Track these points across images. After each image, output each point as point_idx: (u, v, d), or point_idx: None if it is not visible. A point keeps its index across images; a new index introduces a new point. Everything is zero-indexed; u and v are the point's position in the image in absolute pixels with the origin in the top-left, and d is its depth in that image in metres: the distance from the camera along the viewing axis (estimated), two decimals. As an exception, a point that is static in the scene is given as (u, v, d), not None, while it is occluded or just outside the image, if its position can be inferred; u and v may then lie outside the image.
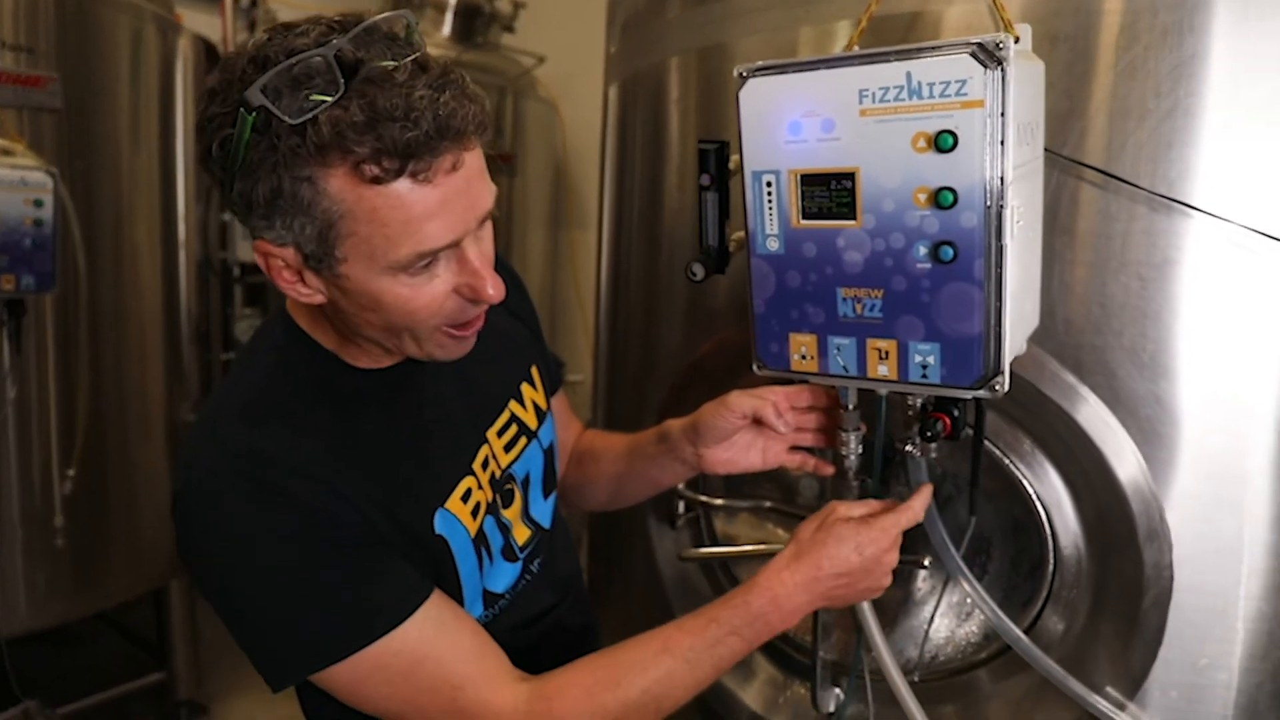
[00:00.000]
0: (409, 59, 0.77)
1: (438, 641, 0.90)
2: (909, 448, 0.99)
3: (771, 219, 0.91)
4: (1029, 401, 1.06)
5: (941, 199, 0.80)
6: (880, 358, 0.88)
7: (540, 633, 1.10)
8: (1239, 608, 1.03)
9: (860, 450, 1.04)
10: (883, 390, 0.94)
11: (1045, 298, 1.01)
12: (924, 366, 0.86)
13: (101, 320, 2.66)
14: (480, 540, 1.01)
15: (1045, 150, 0.96)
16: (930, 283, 0.83)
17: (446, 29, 3.59)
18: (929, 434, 0.91)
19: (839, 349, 0.90)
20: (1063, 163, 1.00)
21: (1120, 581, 1.06)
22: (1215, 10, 0.95)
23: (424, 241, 0.80)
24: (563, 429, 1.26)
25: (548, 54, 3.67)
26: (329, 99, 0.74)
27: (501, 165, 3.82)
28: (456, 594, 0.98)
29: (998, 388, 0.84)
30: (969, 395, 0.86)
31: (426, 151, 0.77)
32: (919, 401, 0.95)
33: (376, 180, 0.77)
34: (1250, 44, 0.96)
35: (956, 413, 0.93)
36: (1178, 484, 1.02)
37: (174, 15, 2.90)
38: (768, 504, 1.31)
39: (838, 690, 1.19)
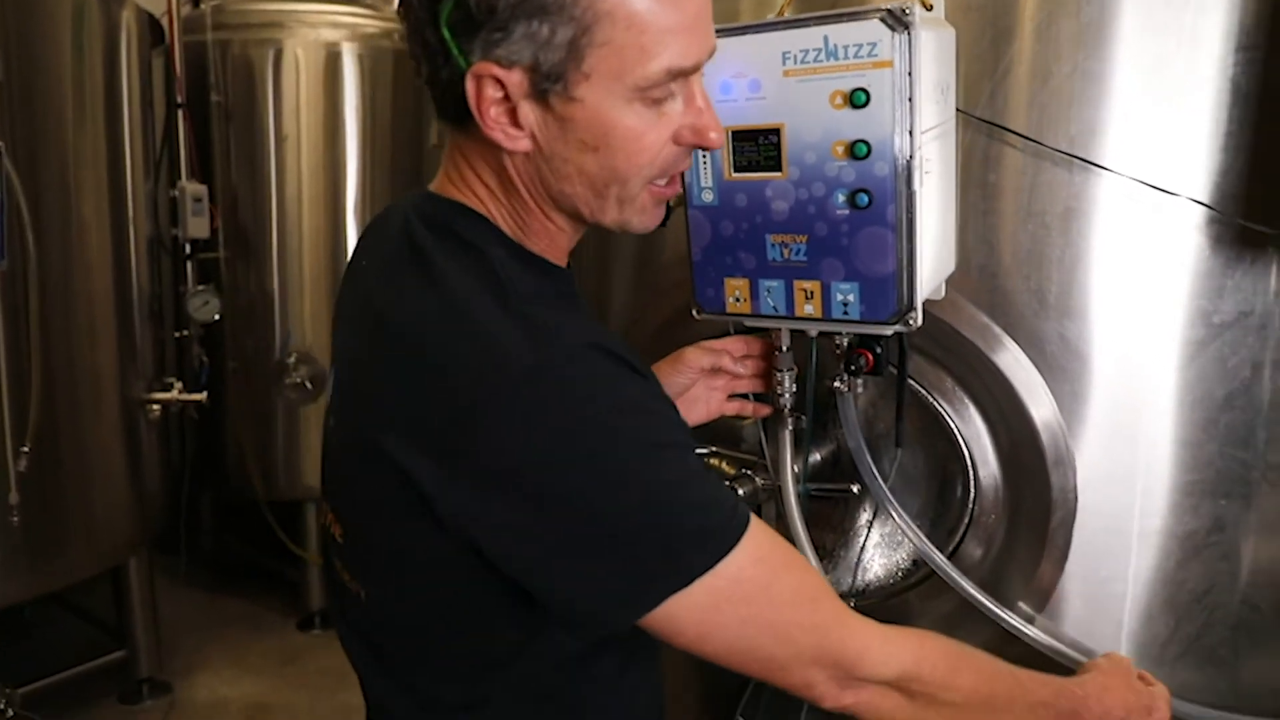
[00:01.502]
0: None
1: (779, 545, 0.81)
2: (837, 384, 1.07)
3: (706, 173, 0.98)
4: (949, 342, 1.16)
5: (857, 150, 0.88)
6: (806, 298, 0.96)
7: None
8: (1134, 526, 1.14)
9: (794, 390, 1.12)
10: (812, 331, 1.02)
11: (961, 246, 1.10)
12: (845, 304, 0.94)
13: (51, 297, 2.64)
14: None
15: (958, 110, 1.05)
16: (848, 227, 0.91)
17: None
18: (853, 369, 0.99)
19: (769, 291, 0.98)
20: (976, 122, 1.09)
21: (1031, 506, 1.16)
22: (1109, -21, 1.04)
23: (678, 57, 0.75)
24: None
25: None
26: None
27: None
28: None
29: (911, 322, 0.93)
30: (886, 330, 0.95)
31: None
32: (845, 341, 1.04)
33: None
34: (1146, 11, 1.05)
35: (879, 350, 1.02)
36: (1081, 414, 1.12)
37: (117, -12, 2.87)
38: (714, 449, 1.38)
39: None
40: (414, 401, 0.77)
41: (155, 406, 3.04)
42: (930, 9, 1.00)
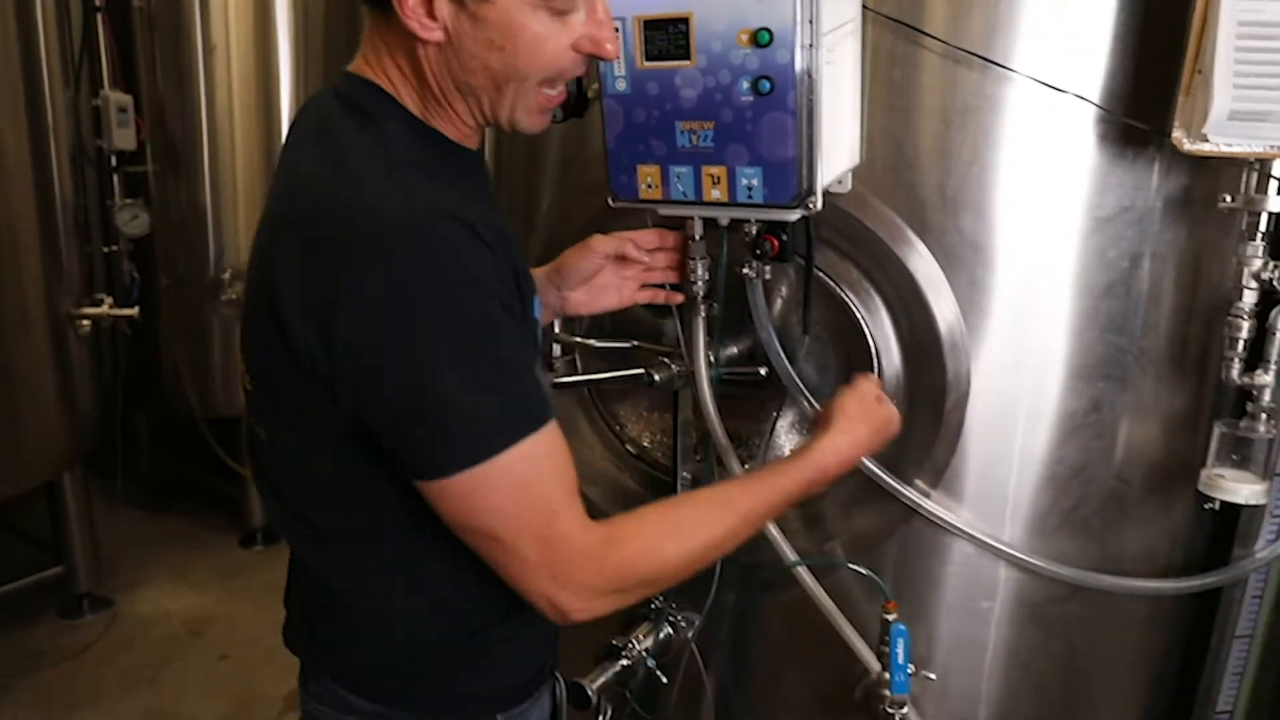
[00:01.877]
0: None
1: (554, 461, 0.88)
2: (746, 270, 1.13)
3: (619, 61, 1.01)
4: (855, 236, 1.21)
5: (760, 38, 0.92)
6: (713, 183, 1.01)
7: None
8: (1022, 407, 1.23)
9: (707, 278, 1.17)
10: (721, 218, 1.07)
11: (867, 141, 1.16)
12: (749, 189, 0.99)
13: (-32, 212, 2.58)
14: None
15: (866, 8, 1.09)
16: (752, 113, 0.96)
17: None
18: (759, 254, 1.05)
19: (679, 177, 1.02)
20: (884, 20, 1.13)
21: (929, 390, 1.24)
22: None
23: None
24: None
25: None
26: None
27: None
28: None
29: (811, 205, 0.98)
30: (789, 215, 1.00)
31: None
32: (753, 229, 1.09)
33: None
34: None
35: (784, 237, 1.07)
36: (978, 304, 1.20)
37: (24, -118, 2.72)
38: (635, 343, 1.44)
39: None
40: (294, 249, 0.85)
41: (85, 322, 3.00)
42: (840, -95, 1.03)
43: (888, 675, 1.14)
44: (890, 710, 1.15)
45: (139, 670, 2.98)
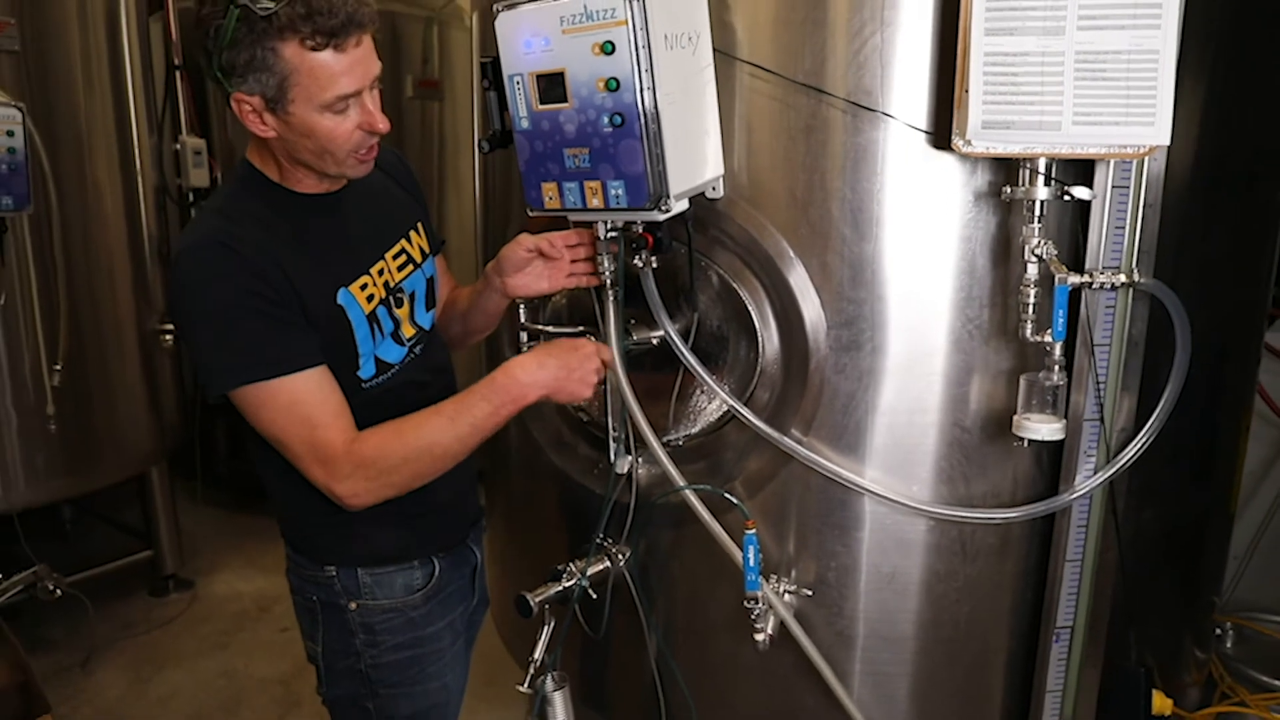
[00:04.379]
0: None
1: (315, 394, 1.35)
2: (635, 260, 1.44)
3: (521, 106, 1.34)
4: (734, 233, 1.52)
5: (610, 85, 1.24)
6: (593, 194, 1.33)
7: (415, 399, 1.51)
8: (865, 370, 1.50)
9: (613, 268, 1.49)
10: (603, 220, 1.39)
11: (731, 154, 1.46)
12: (617, 197, 1.31)
13: (72, 245, 3.04)
14: (373, 319, 1.47)
15: (718, 50, 1.40)
16: (613, 140, 1.27)
17: (369, -32, 3.90)
18: (634, 247, 1.37)
19: (570, 190, 1.35)
20: (739, 60, 1.44)
21: (798, 357, 1.53)
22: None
23: (342, 88, 1.28)
24: (442, 282, 1.72)
25: (464, -13, 4.00)
26: (283, 3, 1.22)
27: (430, 91, 4.18)
28: (354, 352, 1.44)
29: (665, 207, 1.29)
30: (652, 216, 1.32)
31: (342, 33, 1.25)
32: (639, 228, 1.41)
33: (314, 49, 1.25)
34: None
35: (659, 234, 1.39)
36: (827, 281, 1.48)
37: (115, -37, 3.21)
38: (583, 329, 1.75)
39: (629, 457, 1.67)
40: None
41: (167, 338, 3.47)
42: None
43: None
44: (747, 605, 1.44)
45: (215, 638, 3.42)
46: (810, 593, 1.57)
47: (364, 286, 1.46)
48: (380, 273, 1.50)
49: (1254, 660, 2.37)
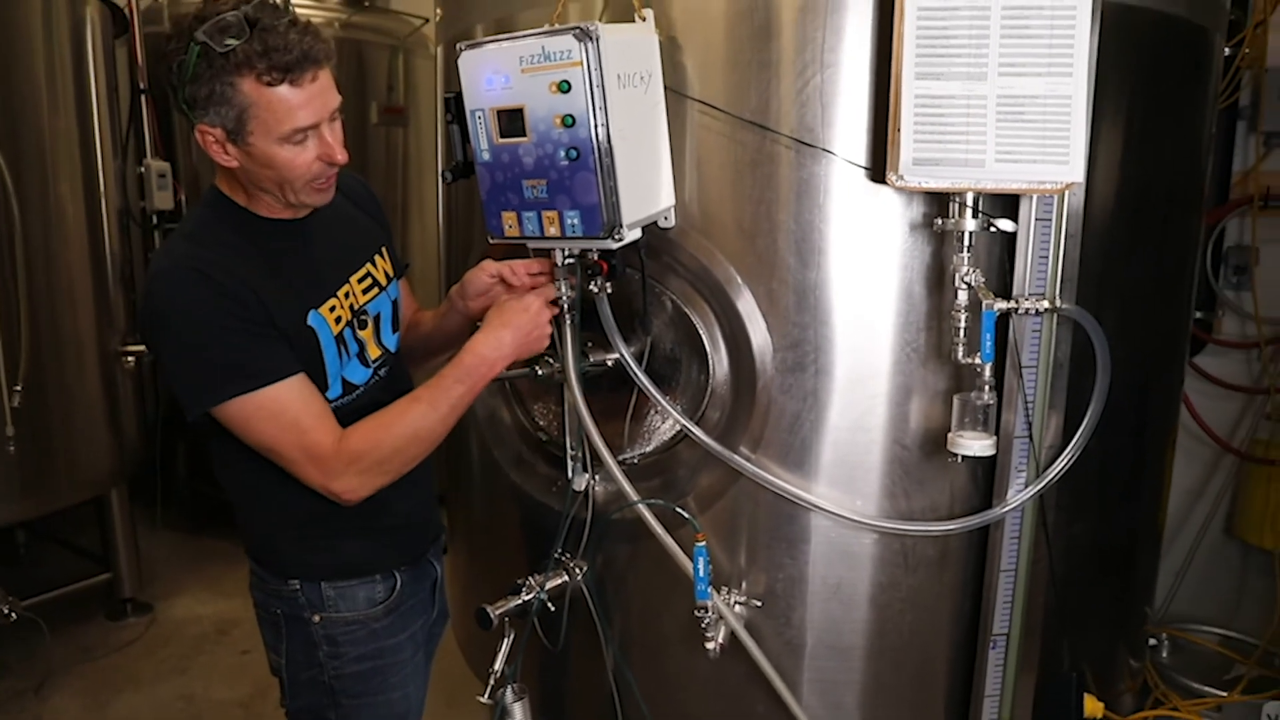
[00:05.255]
0: (286, 19, 1.33)
1: (298, 400, 1.41)
2: (591, 286, 1.52)
3: (483, 139, 1.41)
4: (686, 261, 1.60)
5: (566, 121, 1.31)
6: (550, 223, 1.40)
7: None
8: (810, 391, 1.58)
9: (571, 293, 1.56)
10: (560, 248, 1.47)
11: (683, 186, 1.54)
12: (573, 225, 1.38)
13: (34, 266, 3.04)
14: (340, 340, 1.53)
15: (669, 89, 1.49)
16: (569, 173, 1.35)
17: (337, -6, 3.98)
18: (590, 273, 1.44)
19: (528, 219, 1.42)
20: (690, 99, 1.52)
21: (746, 378, 1.61)
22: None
23: (299, 121, 1.34)
24: (406, 305, 1.78)
25: (431, 15, 4.08)
26: (242, 40, 1.28)
27: (395, 118, 4.24)
28: (323, 373, 1.49)
29: (618, 237, 1.37)
30: (605, 244, 1.39)
31: (297, 69, 1.31)
32: (594, 256, 1.48)
33: (270, 84, 1.30)
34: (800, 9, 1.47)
35: (613, 261, 1.46)
36: (774, 307, 1.56)
37: (81, -13, 3.23)
38: (551, 359, 1.81)
39: (586, 474, 1.74)
40: None
41: (129, 359, 3.47)
42: (645, 19, 1.44)
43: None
44: (698, 614, 1.50)
45: (173, 662, 3.40)
46: (760, 604, 1.63)
47: (332, 309, 1.51)
48: (346, 295, 1.56)
49: (1188, 669, 2.48)
